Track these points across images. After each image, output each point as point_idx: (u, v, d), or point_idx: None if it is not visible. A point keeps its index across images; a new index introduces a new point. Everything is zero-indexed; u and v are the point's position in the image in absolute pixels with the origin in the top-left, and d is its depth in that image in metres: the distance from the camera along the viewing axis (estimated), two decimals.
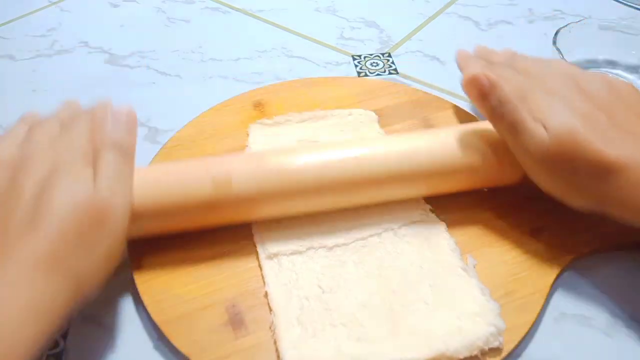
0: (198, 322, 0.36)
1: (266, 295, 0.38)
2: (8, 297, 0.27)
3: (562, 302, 0.39)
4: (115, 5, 0.76)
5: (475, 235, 0.42)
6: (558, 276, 0.40)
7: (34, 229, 0.29)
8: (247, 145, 0.50)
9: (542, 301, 0.38)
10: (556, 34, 0.58)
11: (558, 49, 0.56)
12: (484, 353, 0.35)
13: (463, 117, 0.53)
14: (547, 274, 0.39)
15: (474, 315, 0.36)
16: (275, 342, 0.35)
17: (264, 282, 0.39)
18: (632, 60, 0.61)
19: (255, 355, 0.35)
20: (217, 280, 0.39)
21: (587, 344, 0.37)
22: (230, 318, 0.37)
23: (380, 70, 0.64)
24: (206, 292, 0.38)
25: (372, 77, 0.62)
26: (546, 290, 0.38)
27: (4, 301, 0.27)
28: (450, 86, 0.61)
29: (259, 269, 0.40)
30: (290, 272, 0.39)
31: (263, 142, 0.50)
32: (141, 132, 0.55)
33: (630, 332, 0.38)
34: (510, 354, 0.35)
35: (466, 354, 0.34)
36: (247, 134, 0.51)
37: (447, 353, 0.34)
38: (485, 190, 0.46)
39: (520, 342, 0.36)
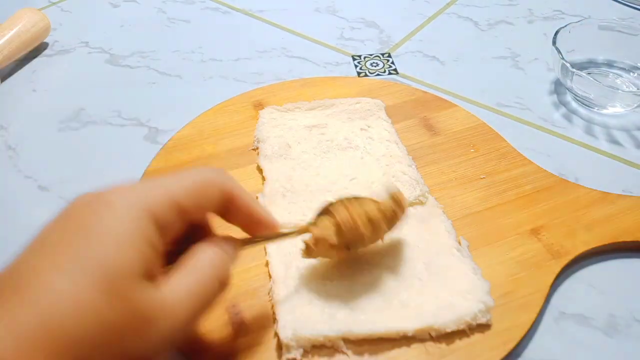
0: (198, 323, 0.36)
1: (267, 264, 0.40)
2: None
3: (562, 302, 0.40)
4: (116, 6, 0.76)
5: (475, 235, 0.42)
6: (558, 276, 0.40)
7: None
8: (255, 130, 0.51)
9: (542, 301, 0.38)
10: (556, 34, 0.58)
11: (558, 49, 0.56)
12: (471, 328, 0.35)
13: (463, 116, 0.54)
14: (547, 274, 0.39)
15: (464, 292, 0.37)
16: (272, 307, 0.37)
17: (265, 252, 0.40)
18: (632, 60, 0.61)
19: (255, 355, 0.35)
20: None
21: (587, 344, 0.37)
22: (230, 318, 0.37)
23: (380, 70, 0.64)
24: None
25: (372, 77, 0.62)
26: (546, 290, 0.38)
27: None
28: (450, 86, 0.61)
29: (259, 268, 0.40)
30: (290, 245, 0.40)
31: (272, 125, 0.51)
32: (141, 132, 0.55)
33: (630, 332, 0.38)
34: (510, 354, 0.35)
35: (454, 327, 0.35)
36: (249, 132, 0.51)
37: (435, 326, 0.35)
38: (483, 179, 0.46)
39: (520, 342, 0.36)
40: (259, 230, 0.33)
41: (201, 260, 0.29)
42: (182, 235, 0.30)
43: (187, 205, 0.29)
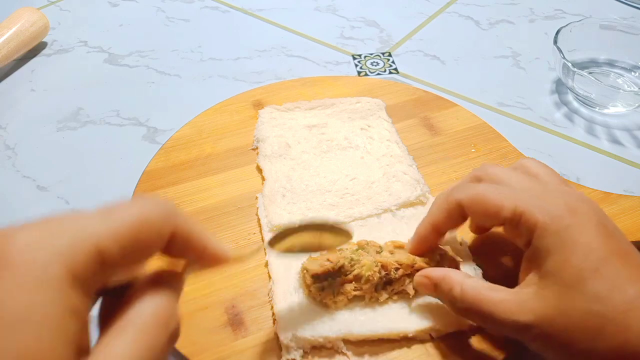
0: (198, 323, 0.36)
1: (267, 265, 0.39)
2: None
3: None
4: (115, 5, 0.76)
5: (475, 235, 0.42)
6: None
7: None
8: (254, 130, 0.51)
9: None
10: (557, 33, 0.58)
11: (559, 49, 0.56)
12: (472, 329, 0.35)
13: (463, 116, 0.53)
14: None
15: None
16: (272, 308, 0.37)
17: (265, 253, 0.40)
18: (633, 60, 0.61)
19: (255, 356, 0.35)
20: (217, 281, 0.39)
21: None
22: (230, 319, 0.37)
23: (380, 69, 0.63)
24: (206, 293, 0.38)
25: (372, 77, 0.62)
26: None
27: None
28: (451, 85, 0.60)
29: (258, 269, 0.40)
30: None
31: (272, 124, 0.51)
32: (140, 132, 0.55)
33: None
34: (511, 354, 0.35)
35: (455, 328, 0.35)
36: (249, 131, 0.51)
37: (436, 326, 0.35)
38: None
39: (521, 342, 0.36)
40: (209, 263, 0.27)
41: (144, 315, 0.22)
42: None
43: (117, 258, 0.22)
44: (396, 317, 0.35)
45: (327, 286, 0.36)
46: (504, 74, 0.63)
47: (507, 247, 0.40)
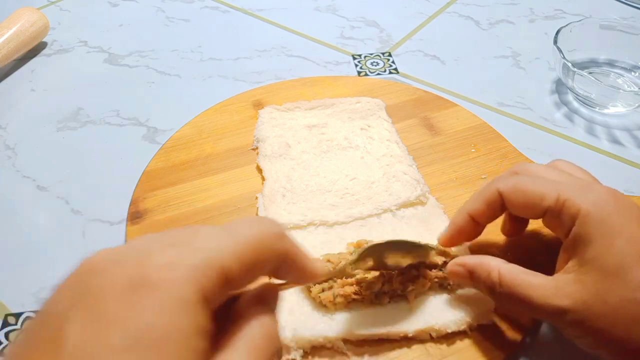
0: None
1: None
2: None
3: None
4: (115, 5, 0.75)
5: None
6: None
7: None
8: (254, 130, 0.51)
9: None
10: (557, 33, 0.58)
11: (559, 49, 0.56)
12: (472, 329, 0.35)
13: (463, 116, 0.53)
14: None
15: (464, 292, 0.37)
16: None
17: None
18: (633, 60, 0.61)
19: None
20: None
21: None
22: None
23: (380, 69, 0.63)
24: None
25: (372, 77, 0.62)
26: None
27: None
28: (451, 85, 0.60)
29: None
30: None
31: (272, 124, 0.51)
32: (140, 131, 0.55)
33: None
34: (511, 354, 0.35)
35: (454, 328, 0.35)
36: (249, 131, 0.51)
37: (436, 326, 0.35)
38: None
39: (521, 342, 0.36)
40: (305, 281, 0.28)
41: (256, 335, 0.23)
42: None
43: (238, 277, 0.23)
44: (396, 317, 0.35)
45: (327, 288, 0.36)
46: (504, 74, 0.63)
47: (507, 250, 0.40)
